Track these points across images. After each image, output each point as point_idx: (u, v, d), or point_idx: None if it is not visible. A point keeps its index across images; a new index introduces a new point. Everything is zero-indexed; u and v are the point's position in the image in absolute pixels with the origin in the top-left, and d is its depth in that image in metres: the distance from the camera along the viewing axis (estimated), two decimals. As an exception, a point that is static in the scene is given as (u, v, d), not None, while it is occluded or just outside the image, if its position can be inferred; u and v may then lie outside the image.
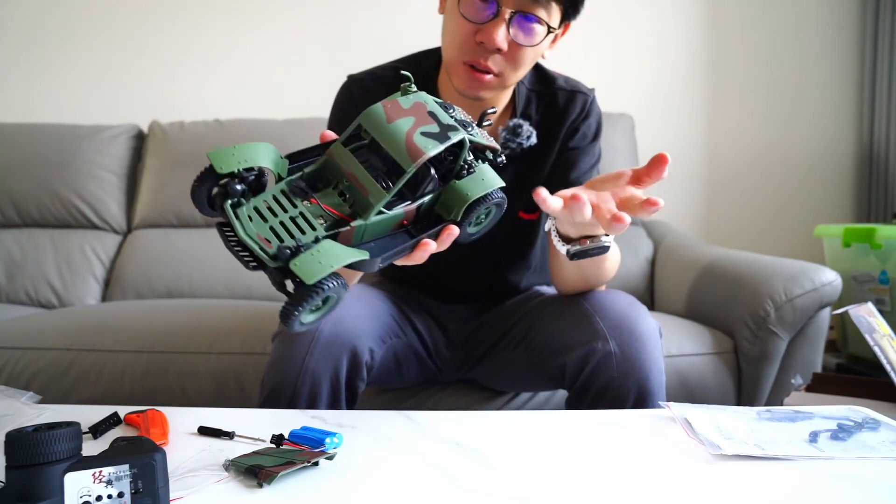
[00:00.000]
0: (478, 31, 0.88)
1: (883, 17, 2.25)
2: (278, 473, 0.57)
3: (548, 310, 1.01)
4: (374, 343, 0.93)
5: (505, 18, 0.86)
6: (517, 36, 0.88)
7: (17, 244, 1.98)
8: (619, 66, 2.36)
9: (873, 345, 0.88)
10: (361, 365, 0.90)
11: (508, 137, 0.97)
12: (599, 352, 0.87)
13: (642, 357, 0.88)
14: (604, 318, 0.90)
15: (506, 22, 0.86)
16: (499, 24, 0.86)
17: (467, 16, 0.87)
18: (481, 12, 0.87)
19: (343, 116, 1.03)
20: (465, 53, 0.90)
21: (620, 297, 0.95)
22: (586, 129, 1.03)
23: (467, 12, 0.87)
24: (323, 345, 0.87)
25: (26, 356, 1.33)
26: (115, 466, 0.48)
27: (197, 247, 1.96)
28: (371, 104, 0.77)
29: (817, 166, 2.40)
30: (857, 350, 1.92)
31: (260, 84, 2.38)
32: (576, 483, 0.58)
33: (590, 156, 1.03)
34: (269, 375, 0.89)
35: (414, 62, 1.04)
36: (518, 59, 0.90)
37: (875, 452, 0.64)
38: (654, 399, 0.88)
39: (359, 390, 0.92)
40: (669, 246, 1.88)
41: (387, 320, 1.00)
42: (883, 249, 1.78)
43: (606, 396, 0.88)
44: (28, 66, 2.37)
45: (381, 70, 1.04)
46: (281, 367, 0.88)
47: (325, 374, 0.87)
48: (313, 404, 0.87)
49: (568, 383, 0.93)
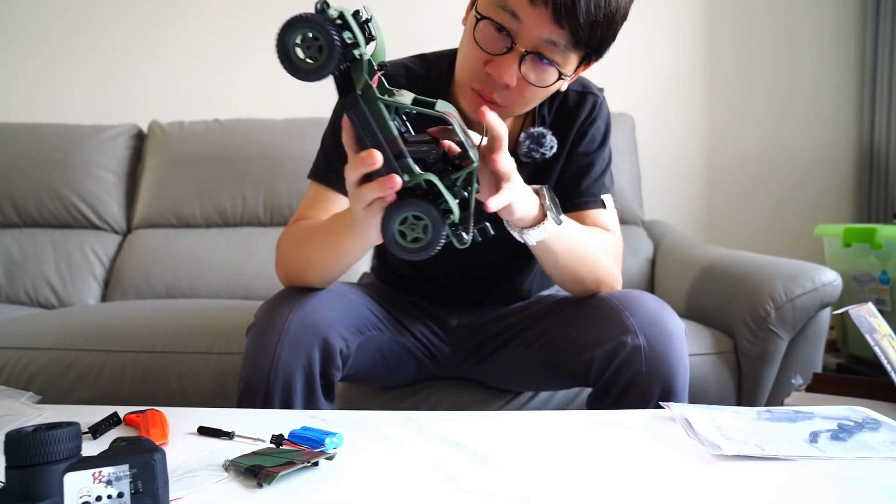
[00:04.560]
0: (489, 61, 0.83)
1: (883, 18, 2.25)
2: (278, 473, 0.57)
3: (572, 307, 1.00)
4: (348, 332, 0.92)
5: (518, 54, 0.81)
6: (528, 75, 0.83)
7: (17, 244, 1.98)
8: (618, 66, 2.35)
9: (873, 345, 0.88)
10: (335, 354, 0.89)
11: (533, 147, 0.97)
12: (629, 346, 0.87)
13: (670, 354, 0.87)
14: (633, 314, 0.89)
15: (518, 58, 0.81)
16: (511, 60, 0.81)
17: (480, 43, 0.83)
18: (495, 43, 0.82)
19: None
20: (473, 80, 0.87)
21: (648, 296, 0.94)
22: (595, 132, 1.01)
23: (481, 40, 0.83)
24: (293, 334, 0.87)
25: (26, 356, 1.33)
26: (115, 466, 0.48)
27: (197, 247, 1.96)
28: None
29: (817, 166, 2.40)
30: (858, 350, 1.92)
31: (260, 84, 2.37)
32: (576, 483, 0.58)
33: (599, 162, 1.02)
34: (243, 369, 0.89)
35: (425, 64, 1.01)
36: (526, 96, 0.86)
37: (875, 452, 0.64)
38: (678, 398, 0.87)
39: (335, 379, 0.91)
40: (669, 246, 1.88)
41: (362, 312, 0.98)
42: (883, 249, 1.78)
43: (631, 393, 0.87)
44: (28, 66, 2.37)
45: (392, 69, 1.00)
46: (254, 359, 0.88)
47: (298, 363, 0.87)
48: (288, 395, 0.87)
49: (593, 379, 0.92)
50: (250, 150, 2.03)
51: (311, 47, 0.62)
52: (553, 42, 0.80)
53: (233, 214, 2.02)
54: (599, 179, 1.01)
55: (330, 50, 0.61)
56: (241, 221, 2.03)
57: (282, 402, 0.88)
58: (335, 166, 0.98)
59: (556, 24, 0.78)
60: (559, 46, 0.81)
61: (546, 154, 0.97)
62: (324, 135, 1.03)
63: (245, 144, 2.04)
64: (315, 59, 0.62)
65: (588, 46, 0.82)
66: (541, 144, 0.96)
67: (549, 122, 1.01)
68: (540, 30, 0.79)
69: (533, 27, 0.79)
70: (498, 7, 0.81)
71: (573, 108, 1.01)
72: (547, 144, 0.97)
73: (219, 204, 2.02)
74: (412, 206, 0.68)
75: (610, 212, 1.02)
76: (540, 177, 1.01)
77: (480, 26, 0.83)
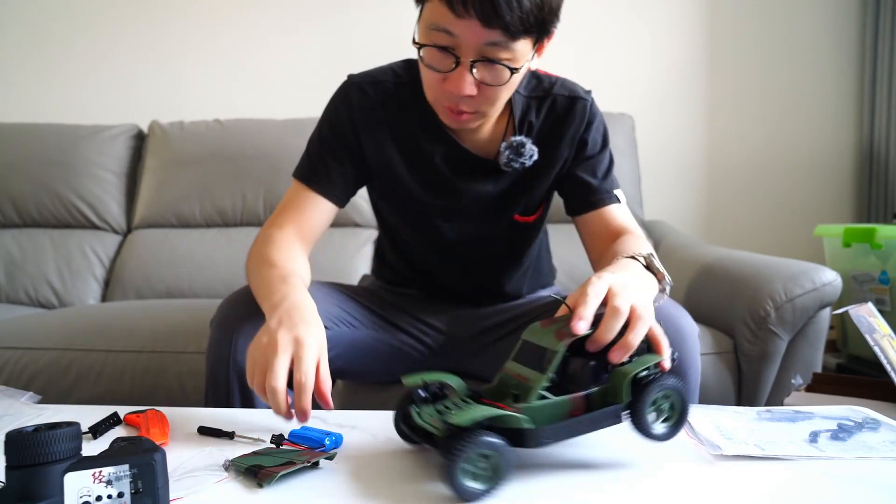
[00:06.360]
0: (445, 79, 0.85)
1: (883, 17, 2.25)
2: (278, 473, 0.57)
3: None
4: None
5: (467, 66, 0.82)
6: (484, 79, 0.84)
7: (17, 244, 1.98)
8: (619, 66, 2.36)
9: (873, 345, 0.88)
10: None
11: (512, 157, 0.97)
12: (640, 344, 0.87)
13: (684, 353, 0.88)
14: None
15: (468, 69, 0.82)
16: (462, 73, 0.83)
17: (431, 65, 0.85)
18: (442, 62, 0.84)
19: (335, 120, 1.02)
20: (439, 99, 0.89)
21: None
22: (595, 136, 1.02)
23: (430, 63, 0.85)
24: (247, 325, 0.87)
25: (26, 356, 1.33)
26: (115, 466, 0.48)
27: (197, 247, 1.96)
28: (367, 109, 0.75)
29: (817, 166, 2.40)
30: (857, 350, 1.92)
31: (260, 84, 2.38)
32: (576, 483, 0.58)
33: (607, 159, 1.03)
34: (207, 360, 0.91)
35: (411, 69, 1.02)
36: (492, 97, 0.87)
37: (875, 452, 0.64)
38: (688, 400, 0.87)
39: None
40: (669, 246, 1.88)
41: (327, 308, 0.98)
42: (883, 249, 1.78)
43: None
44: (28, 66, 2.37)
45: (380, 74, 1.03)
46: (216, 350, 0.89)
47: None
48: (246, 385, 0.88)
49: None
50: (250, 150, 2.03)
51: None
52: (493, 43, 0.81)
53: (233, 214, 2.02)
54: (609, 175, 1.03)
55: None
56: (241, 221, 2.03)
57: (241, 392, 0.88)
58: (317, 168, 1.00)
59: (487, 28, 0.79)
60: (501, 44, 0.81)
61: (526, 163, 0.98)
62: (310, 138, 1.04)
63: (245, 144, 2.04)
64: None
65: (529, 33, 0.82)
66: (520, 154, 0.97)
67: (536, 129, 1.01)
68: (475, 38, 0.80)
69: (468, 37, 0.80)
70: (431, 30, 0.82)
71: (562, 114, 1.01)
72: (526, 153, 0.97)
73: (219, 204, 2.02)
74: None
75: (625, 206, 1.03)
76: (529, 178, 1.02)
77: (424, 53, 0.85)
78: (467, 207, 1.04)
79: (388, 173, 1.03)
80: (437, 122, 0.97)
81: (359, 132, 1.01)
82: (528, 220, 1.07)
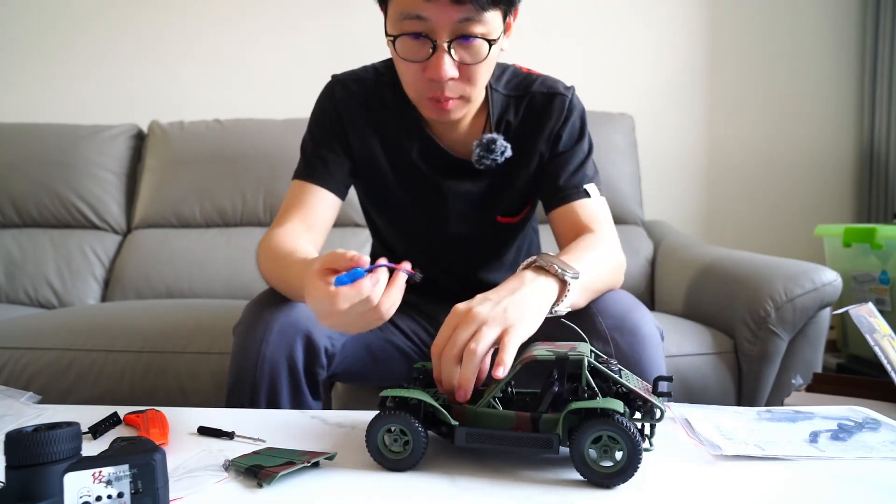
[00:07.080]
0: (424, 68, 0.86)
1: (883, 18, 2.25)
2: (278, 473, 0.57)
3: None
4: (332, 330, 0.91)
5: (444, 48, 0.84)
6: (463, 59, 0.86)
7: (17, 244, 1.98)
8: (619, 66, 2.36)
9: (873, 345, 0.88)
10: (319, 352, 0.90)
11: (482, 154, 0.97)
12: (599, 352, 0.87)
13: (643, 359, 0.87)
14: (606, 317, 0.89)
15: (446, 51, 0.84)
16: (440, 57, 0.84)
17: (408, 57, 0.86)
18: (419, 50, 0.85)
19: (322, 117, 1.03)
20: (422, 92, 0.90)
21: (623, 298, 0.93)
22: (571, 129, 1.01)
23: (407, 54, 0.86)
24: (277, 332, 0.88)
25: (26, 356, 1.33)
26: (115, 466, 0.48)
27: (197, 247, 1.96)
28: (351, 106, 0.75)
29: (817, 166, 2.40)
30: (858, 350, 1.92)
31: (260, 84, 2.38)
32: (575, 483, 0.58)
33: (578, 154, 1.01)
34: (231, 366, 0.90)
35: (393, 66, 1.01)
36: (474, 76, 0.88)
37: (875, 452, 0.64)
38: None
39: (319, 378, 0.91)
40: (669, 246, 1.88)
41: None
42: (883, 249, 1.78)
43: None
44: (28, 66, 2.37)
45: (363, 72, 1.04)
46: (241, 356, 0.89)
47: (282, 360, 0.87)
48: (274, 392, 0.88)
49: None
50: (250, 150, 2.03)
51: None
52: (466, 18, 0.82)
53: (233, 214, 2.02)
54: (579, 171, 1.00)
55: None
56: (241, 221, 2.03)
57: (268, 399, 0.88)
58: (314, 163, 1.01)
59: (457, 4, 0.81)
60: (473, 18, 0.83)
61: (497, 159, 0.97)
62: (303, 140, 1.05)
63: (245, 144, 2.04)
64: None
65: (497, 4, 0.84)
66: (491, 151, 0.97)
67: (514, 127, 1.01)
68: (447, 16, 0.82)
69: (441, 18, 0.82)
70: (402, 20, 0.84)
71: (540, 111, 1.01)
72: (497, 150, 0.97)
73: (219, 204, 2.02)
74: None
75: (596, 200, 0.99)
76: (510, 177, 1.02)
77: (398, 44, 0.86)
78: (449, 207, 1.04)
79: (373, 168, 1.03)
80: (417, 119, 0.97)
81: (345, 126, 1.02)
82: (513, 220, 1.07)
